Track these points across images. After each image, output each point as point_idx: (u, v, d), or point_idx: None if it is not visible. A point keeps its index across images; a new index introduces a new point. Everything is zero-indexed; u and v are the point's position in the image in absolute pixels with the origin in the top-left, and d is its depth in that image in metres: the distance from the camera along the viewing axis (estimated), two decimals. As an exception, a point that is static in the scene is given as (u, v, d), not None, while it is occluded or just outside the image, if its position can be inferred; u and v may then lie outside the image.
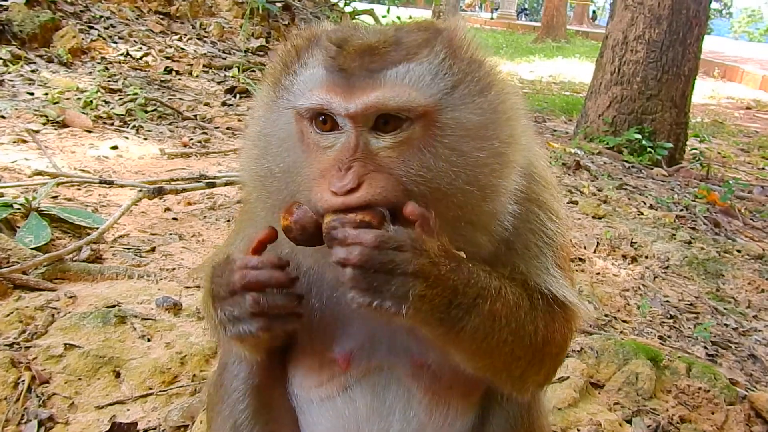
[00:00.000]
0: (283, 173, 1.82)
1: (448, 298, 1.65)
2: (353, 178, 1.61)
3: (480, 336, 1.73)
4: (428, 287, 1.61)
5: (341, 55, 1.70)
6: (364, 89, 1.65)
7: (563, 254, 2.01)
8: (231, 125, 8.81)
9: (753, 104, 21.01)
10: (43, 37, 9.91)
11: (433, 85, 1.69)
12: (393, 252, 1.58)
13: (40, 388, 3.20)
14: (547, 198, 1.99)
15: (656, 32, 10.56)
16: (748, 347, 4.78)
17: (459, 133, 1.70)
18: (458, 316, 1.68)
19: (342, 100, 1.65)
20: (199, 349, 3.57)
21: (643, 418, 3.65)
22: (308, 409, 2.20)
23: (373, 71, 1.67)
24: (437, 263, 1.63)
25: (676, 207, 8.13)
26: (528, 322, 1.83)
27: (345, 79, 1.68)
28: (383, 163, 1.67)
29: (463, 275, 1.68)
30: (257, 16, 13.39)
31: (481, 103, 1.74)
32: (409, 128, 1.67)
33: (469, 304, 1.69)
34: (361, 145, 1.66)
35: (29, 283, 3.98)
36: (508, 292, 1.78)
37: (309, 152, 1.75)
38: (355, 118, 1.66)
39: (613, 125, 10.90)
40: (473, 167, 1.70)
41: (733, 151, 13.22)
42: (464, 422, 2.14)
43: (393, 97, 1.64)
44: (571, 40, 36.11)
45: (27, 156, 6.20)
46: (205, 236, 5.11)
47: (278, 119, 1.85)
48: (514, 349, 1.81)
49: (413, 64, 1.70)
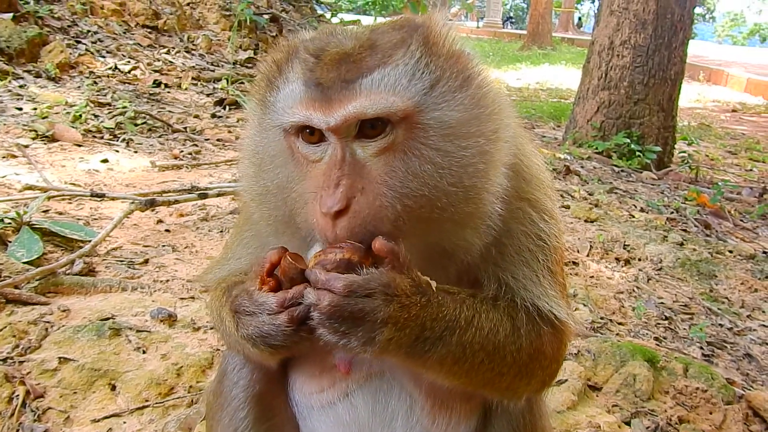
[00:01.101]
0: (278, 190, 1.82)
1: (416, 334, 1.67)
2: (341, 198, 1.61)
3: (449, 362, 1.75)
4: (396, 330, 1.63)
5: (318, 67, 1.69)
6: (341, 101, 1.64)
7: (556, 257, 1.99)
8: (221, 137, 8.80)
9: (739, 107, 21.22)
10: (30, 52, 9.88)
11: (410, 87, 1.67)
12: (363, 300, 1.59)
13: (34, 402, 3.16)
14: (540, 197, 1.97)
15: (642, 37, 10.64)
16: (744, 347, 4.80)
17: (442, 132, 1.69)
18: (424, 348, 1.70)
19: (321, 114, 1.65)
20: (196, 360, 3.54)
21: (641, 420, 3.65)
22: (309, 416, 2.18)
23: (348, 81, 1.65)
24: (407, 305, 1.64)
25: (666, 210, 8.16)
26: (509, 343, 1.83)
27: (322, 92, 1.66)
28: (371, 175, 1.66)
29: (432, 310, 1.69)
30: (245, 29, 13.41)
31: (461, 99, 1.72)
32: (391, 132, 1.66)
33: (436, 337, 1.70)
34: (348, 156, 1.66)
35: (22, 297, 3.93)
36: (482, 321, 1.78)
37: (300, 166, 1.75)
38: (337, 131, 1.66)
39: (602, 130, 10.95)
40: (458, 167, 1.69)
41: (721, 154, 13.31)
42: (467, 426, 2.12)
43: (370, 105, 1.63)
44: (557, 47, 36.37)
45: (17, 171, 6.16)
46: (198, 247, 5.08)
47: (267, 137, 1.85)
48: (494, 367, 1.82)
49: (389, 68, 1.67)
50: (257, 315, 1.73)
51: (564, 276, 2.10)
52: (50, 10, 11.17)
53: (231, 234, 2.44)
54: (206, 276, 2.26)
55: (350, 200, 1.62)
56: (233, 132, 9.07)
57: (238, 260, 2.16)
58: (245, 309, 1.77)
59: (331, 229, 1.63)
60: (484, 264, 1.89)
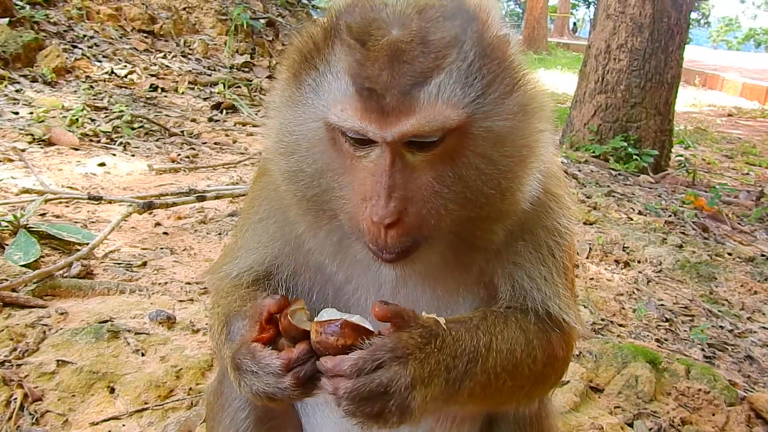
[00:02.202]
0: (315, 173, 1.76)
1: (443, 378, 1.64)
2: (394, 212, 1.58)
3: (478, 392, 1.72)
4: (425, 387, 1.59)
5: (368, 62, 1.58)
6: (399, 116, 1.56)
7: (570, 253, 1.98)
8: (218, 140, 8.77)
9: (734, 111, 21.26)
10: (26, 57, 9.83)
11: (464, 97, 1.60)
12: (376, 374, 1.54)
13: (32, 405, 3.13)
14: (560, 193, 1.97)
15: (638, 41, 10.64)
16: (745, 349, 4.78)
17: (490, 141, 1.65)
18: (455, 388, 1.66)
19: (378, 128, 1.57)
20: (195, 362, 3.52)
21: (644, 421, 3.63)
22: (312, 413, 2.16)
23: (405, 91, 1.55)
24: (424, 359, 1.59)
25: (664, 213, 8.16)
26: (525, 357, 1.81)
27: (377, 101, 1.57)
28: (419, 182, 1.62)
29: (450, 349, 1.66)
30: (241, 33, 13.39)
31: (510, 105, 1.66)
32: (442, 143, 1.62)
33: (462, 373, 1.67)
34: (398, 161, 1.61)
35: (19, 300, 3.91)
36: (499, 343, 1.75)
37: (343, 158, 1.69)
38: (392, 144, 1.60)
39: (599, 133, 10.95)
40: (499, 173, 1.67)
41: (718, 158, 13.33)
42: (472, 426, 2.11)
43: (428, 122, 1.56)
44: (552, 52, 36.45)
45: (13, 174, 6.12)
46: (196, 250, 5.06)
47: (305, 120, 1.74)
48: (515, 384, 1.80)
49: (443, 76, 1.58)
50: (261, 376, 1.67)
51: (574, 272, 2.10)
52: (46, 15, 11.14)
53: (237, 224, 2.36)
54: (214, 275, 2.19)
55: (402, 213, 1.60)
56: (230, 136, 9.05)
57: (248, 252, 2.08)
58: (248, 368, 1.70)
59: (382, 238, 1.62)
60: (501, 262, 1.88)
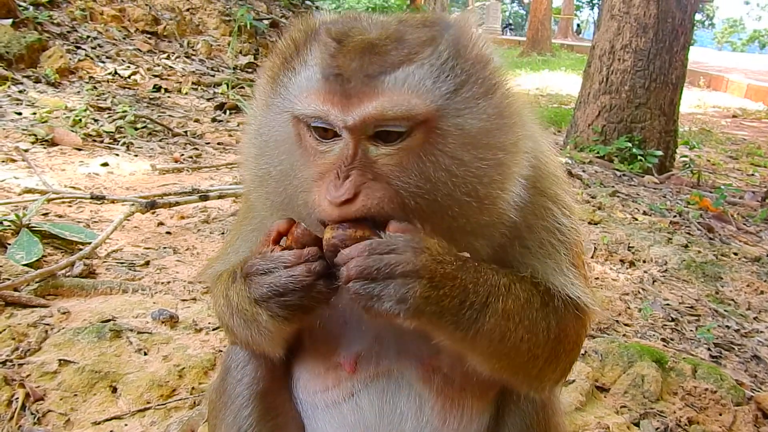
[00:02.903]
0: (280, 175, 1.76)
1: (459, 298, 1.59)
2: (350, 188, 1.56)
3: (497, 336, 1.68)
4: (432, 288, 1.56)
5: (340, 54, 1.61)
6: (362, 98, 1.57)
7: (577, 251, 1.95)
8: (222, 140, 8.77)
9: (739, 112, 21.21)
10: (30, 57, 9.86)
11: (434, 89, 1.60)
12: (388, 255, 1.53)
13: (34, 405, 3.11)
14: (559, 192, 1.93)
15: (643, 41, 10.60)
16: (751, 348, 4.74)
17: (461, 141, 1.62)
18: (473, 317, 1.62)
19: (340, 111, 1.58)
20: (198, 361, 3.49)
21: (650, 421, 3.60)
22: (314, 415, 2.12)
23: (371, 76, 1.57)
24: (441, 261, 1.57)
25: (669, 213, 8.12)
26: (540, 319, 1.77)
27: (342, 85, 1.58)
28: (381, 172, 1.60)
29: (471, 274, 1.63)
30: (245, 34, 13.40)
31: (485, 107, 1.65)
32: (409, 136, 1.60)
33: (482, 303, 1.63)
34: (360, 153, 1.60)
35: (21, 299, 3.89)
36: (518, 289, 1.73)
37: (307, 155, 1.69)
38: (354, 130, 1.59)
39: (603, 134, 10.91)
40: (473, 177, 1.63)
41: (722, 159, 13.29)
42: (479, 425, 2.06)
43: (392, 107, 1.56)
44: (556, 54, 36.39)
45: (16, 174, 6.11)
46: (199, 249, 5.04)
47: (274, 119, 1.77)
48: (531, 348, 1.76)
49: (414, 66, 1.60)
50: (272, 272, 1.67)
51: (584, 268, 2.05)
52: (49, 16, 11.16)
53: (231, 229, 2.39)
54: (207, 272, 2.20)
55: (359, 189, 1.57)
56: (234, 136, 9.04)
57: (237, 254, 2.10)
58: (259, 268, 1.71)
59: (337, 212, 1.58)
60: (507, 257, 1.85)
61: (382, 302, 1.54)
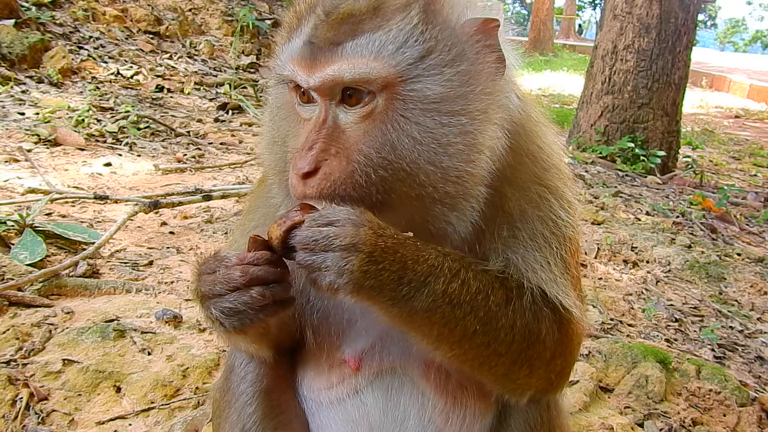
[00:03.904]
0: (281, 142, 1.86)
1: (398, 273, 1.59)
2: (311, 161, 1.62)
3: (438, 320, 1.66)
4: (372, 262, 1.56)
5: (323, 25, 1.69)
6: (324, 62, 1.64)
7: (571, 247, 1.91)
8: (225, 140, 8.77)
9: (741, 113, 21.18)
10: (32, 58, 9.86)
11: (397, 55, 1.63)
12: (327, 228, 1.56)
13: (38, 405, 3.11)
14: (559, 185, 1.91)
15: (645, 41, 10.58)
16: (755, 349, 4.73)
17: (421, 107, 1.63)
18: (410, 294, 1.61)
19: (305, 72, 1.67)
20: (201, 361, 3.49)
21: (654, 422, 3.59)
22: (318, 412, 2.12)
23: (337, 43, 1.65)
24: (381, 235, 1.58)
25: (672, 213, 8.11)
26: (502, 316, 1.73)
27: (311, 51, 1.67)
28: (347, 144, 1.65)
29: (411, 251, 1.62)
30: (247, 34, 13.41)
31: (449, 75, 1.65)
32: (372, 101, 1.64)
33: (420, 282, 1.61)
34: (330, 119, 1.67)
35: (25, 299, 3.89)
36: (468, 276, 1.69)
37: (296, 122, 1.79)
38: (319, 91, 1.67)
39: (606, 134, 10.89)
40: (436, 145, 1.63)
41: (725, 159, 13.26)
42: (482, 424, 2.04)
43: (348, 69, 1.62)
44: (558, 54, 36.39)
45: (19, 175, 6.12)
46: (203, 249, 5.03)
47: (277, 88, 1.90)
48: (489, 342, 1.72)
49: (380, 33, 1.64)
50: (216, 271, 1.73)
51: (578, 269, 2.02)
52: (52, 16, 11.17)
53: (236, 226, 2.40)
54: None
55: (320, 163, 1.63)
56: (236, 136, 9.05)
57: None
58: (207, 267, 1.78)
59: (301, 188, 1.64)
60: (493, 243, 1.82)
61: (324, 275, 1.55)
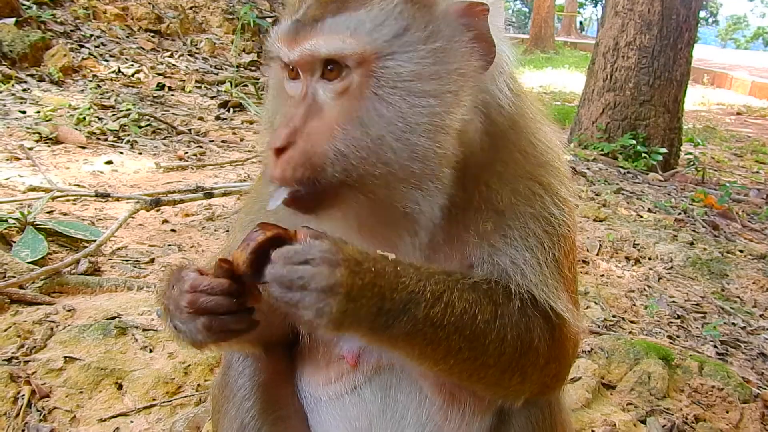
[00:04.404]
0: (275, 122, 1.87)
1: (376, 305, 1.54)
2: (283, 137, 1.63)
3: (420, 342, 1.63)
4: (350, 301, 1.50)
5: (314, 5, 1.70)
6: (303, 38, 1.67)
7: (566, 247, 1.87)
8: (226, 138, 8.77)
9: (743, 110, 21.11)
10: (33, 56, 9.86)
11: (374, 32, 1.62)
12: (303, 267, 1.49)
13: (40, 402, 3.12)
14: (553, 182, 1.87)
15: (647, 38, 10.55)
16: (758, 346, 4.73)
17: (392, 84, 1.63)
18: (387, 323, 1.57)
19: (287, 47, 1.71)
20: (203, 358, 3.49)
21: (657, 418, 3.58)
22: (317, 408, 2.12)
23: (318, 20, 1.66)
24: (358, 272, 1.52)
25: (674, 210, 8.09)
26: (490, 331, 1.69)
27: (295, 28, 1.70)
28: (324, 118, 1.65)
29: (390, 279, 1.57)
30: (248, 32, 13.39)
31: (423, 52, 1.64)
32: (347, 76, 1.65)
33: (398, 310, 1.57)
34: (309, 95, 1.68)
35: (26, 297, 3.89)
36: (453, 298, 1.65)
37: (286, 101, 1.81)
38: (300, 65, 1.70)
39: (607, 131, 10.86)
40: (404, 124, 1.62)
41: (727, 156, 13.24)
42: (482, 422, 2.01)
43: (324, 45, 1.63)
44: (559, 51, 36.29)
45: (20, 173, 6.12)
46: (204, 246, 5.03)
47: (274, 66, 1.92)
48: (476, 357, 1.70)
49: (361, 11, 1.64)
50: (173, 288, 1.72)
51: (573, 269, 1.98)
52: (53, 15, 11.17)
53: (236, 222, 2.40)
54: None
55: (292, 138, 1.63)
56: (238, 134, 9.05)
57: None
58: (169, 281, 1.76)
59: (273, 165, 1.65)
60: (480, 243, 1.80)
61: (302, 313, 1.50)
